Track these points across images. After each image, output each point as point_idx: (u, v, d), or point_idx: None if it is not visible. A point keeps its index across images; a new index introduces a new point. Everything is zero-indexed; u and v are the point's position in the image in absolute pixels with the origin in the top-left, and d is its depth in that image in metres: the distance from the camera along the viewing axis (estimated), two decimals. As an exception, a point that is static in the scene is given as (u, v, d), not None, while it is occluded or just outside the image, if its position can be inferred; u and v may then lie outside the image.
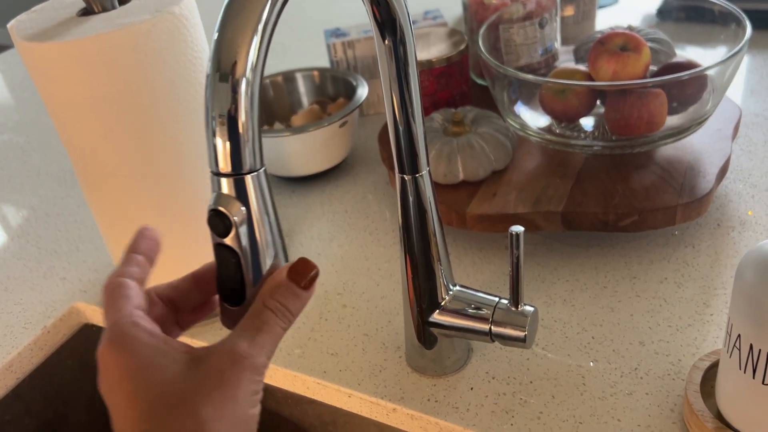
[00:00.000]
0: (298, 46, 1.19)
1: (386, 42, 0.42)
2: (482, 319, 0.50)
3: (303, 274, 0.35)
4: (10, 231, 0.83)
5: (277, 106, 0.88)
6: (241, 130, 0.32)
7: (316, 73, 0.88)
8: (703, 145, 0.67)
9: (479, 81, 0.86)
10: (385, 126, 0.80)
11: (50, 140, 1.03)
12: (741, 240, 0.63)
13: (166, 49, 0.53)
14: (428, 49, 0.76)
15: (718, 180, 0.63)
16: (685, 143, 0.68)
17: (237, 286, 0.35)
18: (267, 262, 0.36)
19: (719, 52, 0.69)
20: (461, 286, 0.53)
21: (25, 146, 1.03)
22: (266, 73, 0.88)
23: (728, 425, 0.45)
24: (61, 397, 0.72)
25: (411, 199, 0.48)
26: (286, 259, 0.37)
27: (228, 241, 0.34)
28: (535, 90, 0.69)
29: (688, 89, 0.63)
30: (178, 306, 0.39)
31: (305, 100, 0.89)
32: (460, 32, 0.79)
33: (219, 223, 0.34)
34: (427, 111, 0.76)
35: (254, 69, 0.32)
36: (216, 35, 0.33)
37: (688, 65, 0.65)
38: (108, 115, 0.54)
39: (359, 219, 0.75)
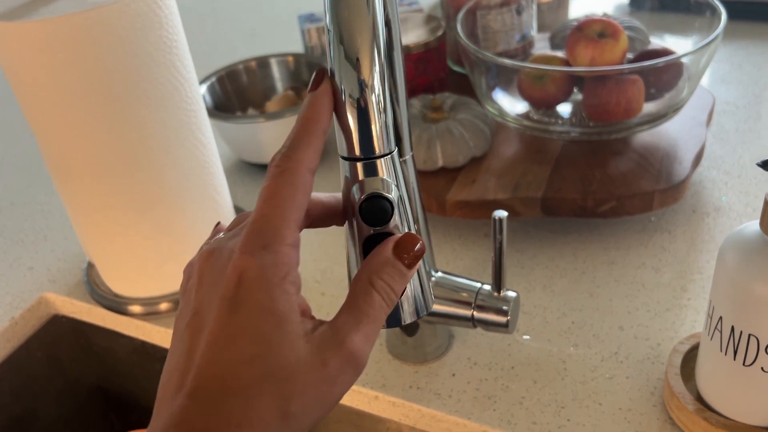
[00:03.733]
0: (269, 32, 1.18)
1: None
2: (465, 304, 0.50)
3: (408, 250, 0.31)
4: (-26, 220, 0.80)
5: (250, 92, 0.86)
6: (373, 112, 0.30)
7: (290, 58, 0.86)
8: (678, 132, 0.68)
9: (456, 68, 0.86)
10: (362, 112, 0.79)
11: (14, 126, 1.00)
12: (716, 226, 0.64)
13: (140, 30, 0.52)
14: (405, 34, 0.75)
15: (693, 166, 0.64)
16: (661, 130, 0.69)
17: None
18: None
19: (693, 41, 0.70)
20: (443, 272, 0.53)
21: (-13, 133, 1.00)
22: (239, 58, 0.86)
23: (708, 407, 0.46)
24: (30, 390, 0.70)
25: (394, 184, 0.48)
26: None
27: (383, 227, 0.32)
28: (513, 76, 0.69)
29: (664, 76, 0.63)
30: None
31: (279, 86, 0.87)
32: (437, 18, 0.78)
33: (381, 208, 0.31)
34: (404, 97, 0.75)
35: (380, 45, 0.30)
36: (330, 18, 0.30)
37: (665, 52, 0.65)
38: (78, 98, 0.52)
39: (336, 206, 0.74)
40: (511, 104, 0.69)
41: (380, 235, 0.32)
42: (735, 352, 0.42)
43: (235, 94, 0.85)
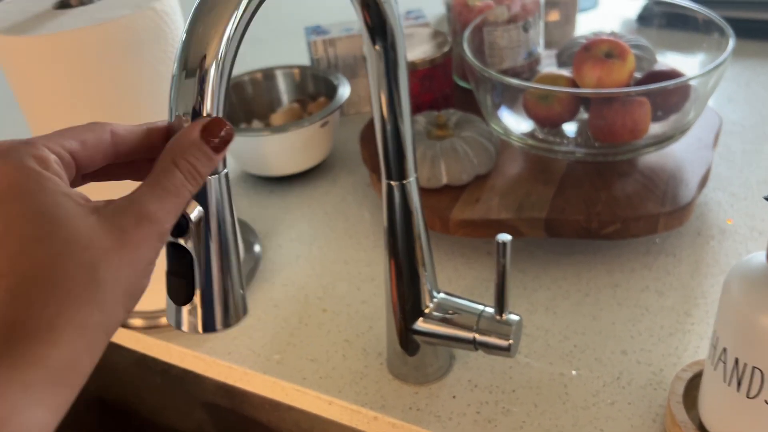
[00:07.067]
0: (275, 43, 1.18)
1: (377, 47, 0.41)
2: (467, 327, 0.50)
3: (216, 134, 0.32)
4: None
5: (255, 104, 0.86)
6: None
7: (296, 71, 0.86)
8: (685, 154, 0.68)
9: (462, 83, 0.86)
10: (367, 126, 0.79)
11: (21, 137, 1.00)
12: (721, 249, 0.64)
13: (146, 46, 0.52)
14: (412, 50, 0.75)
15: (699, 188, 0.63)
16: (668, 151, 0.68)
17: (186, 287, 0.34)
18: (218, 266, 0.34)
19: (700, 59, 0.69)
20: (445, 293, 0.52)
21: (-8, 139, 1.00)
22: (245, 69, 0.86)
23: (711, 437, 0.45)
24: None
25: (397, 205, 0.47)
26: (239, 265, 0.35)
27: (183, 240, 0.33)
28: (519, 94, 0.68)
29: (672, 98, 0.63)
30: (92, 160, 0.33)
31: (285, 98, 0.87)
32: (443, 34, 0.78)
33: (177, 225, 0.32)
34: (409, 113, 0.75)
35: (222, 66, 0.31)
36: (184, 34, 0.31)
37: (672, 74, 0.65)
38: (83, 113, 0.52)
39: (339, 221, 0.74)
40: (517, 122, 0.69)
41: (180, 245, 0.33)
42: (739, 384, 0.42)
43: (240, 105, 0.85)
